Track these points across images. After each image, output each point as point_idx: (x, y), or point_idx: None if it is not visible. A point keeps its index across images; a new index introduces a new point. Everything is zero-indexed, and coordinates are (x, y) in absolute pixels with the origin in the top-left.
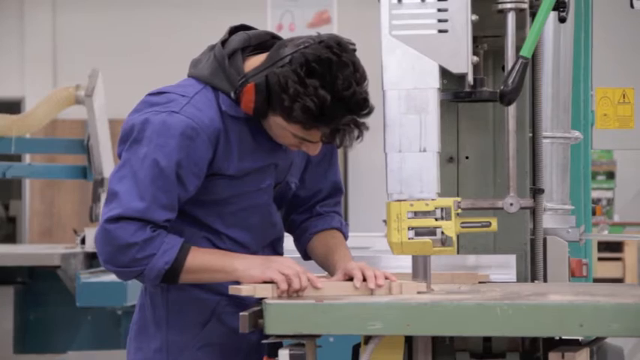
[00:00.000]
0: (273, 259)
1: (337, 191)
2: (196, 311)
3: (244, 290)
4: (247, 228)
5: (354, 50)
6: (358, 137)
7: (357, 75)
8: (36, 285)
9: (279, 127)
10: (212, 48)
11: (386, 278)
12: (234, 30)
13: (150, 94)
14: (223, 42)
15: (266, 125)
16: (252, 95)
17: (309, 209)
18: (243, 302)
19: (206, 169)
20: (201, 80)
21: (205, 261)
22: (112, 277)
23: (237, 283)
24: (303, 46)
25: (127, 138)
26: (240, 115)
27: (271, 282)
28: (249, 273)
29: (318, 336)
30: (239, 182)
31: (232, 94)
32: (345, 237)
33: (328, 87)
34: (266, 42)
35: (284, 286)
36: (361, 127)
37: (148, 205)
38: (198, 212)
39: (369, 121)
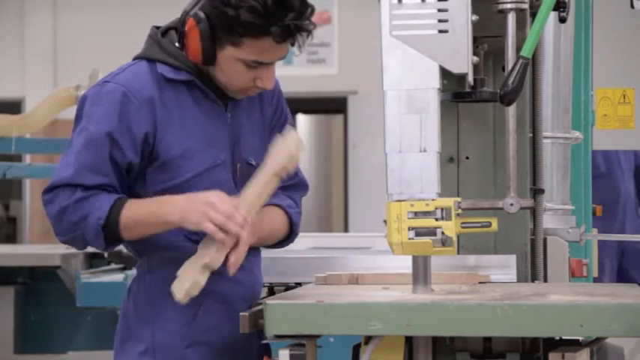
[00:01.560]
0: (200, 199)
1: (290, 176)
2: (181, 310)
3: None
4: None
5: None
6: (308, 36)
7: None
8: (36, 285)
9: (229, 62)
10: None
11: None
12: None
13: None
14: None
15: (217, 72)
16: (196, 31)
17: None
18: (228, 299)
19: (145, 137)
20: (136, 58)
21: (139, 213)
22: (112, 277)
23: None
24: None
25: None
26: (180, 77)
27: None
28: (187, 218)
29: (319, 336)
30: (194, 157)
31: (177, 44)
32: (290, 219)
33: None
34: None
35: (220, 235)
36: (309, 27)
37: (76, 171)
38: None
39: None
